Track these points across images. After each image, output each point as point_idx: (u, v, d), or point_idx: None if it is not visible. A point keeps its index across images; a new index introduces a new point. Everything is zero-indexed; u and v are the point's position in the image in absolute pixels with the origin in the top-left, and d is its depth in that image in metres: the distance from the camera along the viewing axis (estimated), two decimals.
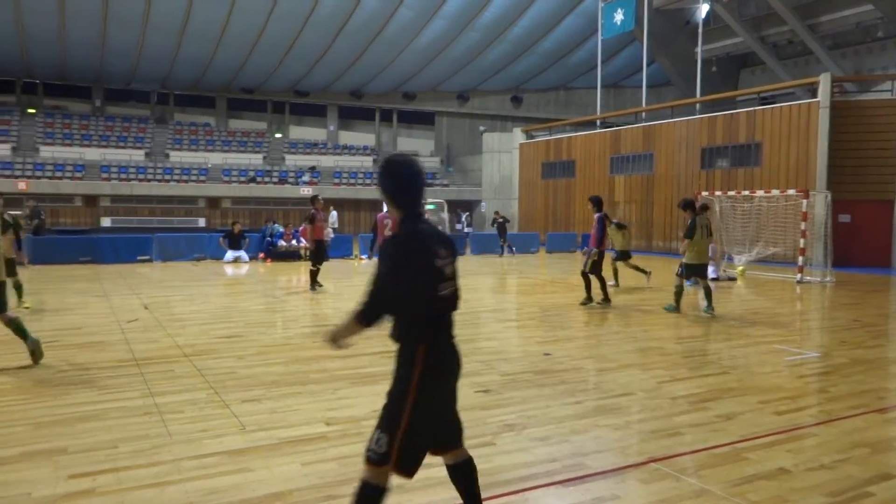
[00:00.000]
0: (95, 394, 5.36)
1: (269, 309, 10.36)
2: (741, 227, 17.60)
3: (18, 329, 6.41)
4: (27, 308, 9.72)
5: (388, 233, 9.72)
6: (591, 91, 32.76)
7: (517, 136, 33.19)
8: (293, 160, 38.36)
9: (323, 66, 36.96)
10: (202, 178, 34.35)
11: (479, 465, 3.96)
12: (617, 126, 28.53)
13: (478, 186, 36.64)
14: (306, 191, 32.67)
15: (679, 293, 10.02)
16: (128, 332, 8.06)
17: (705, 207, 10.25)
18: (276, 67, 36.53)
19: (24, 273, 15.32)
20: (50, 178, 31.00)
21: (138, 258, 18.10)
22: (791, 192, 16.29)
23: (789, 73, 31.16)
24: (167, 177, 33.81)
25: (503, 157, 34.25)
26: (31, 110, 36.13)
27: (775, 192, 16.66)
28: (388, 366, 6.39)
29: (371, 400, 5.19)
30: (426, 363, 2.68)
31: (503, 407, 5.10)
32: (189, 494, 3.52)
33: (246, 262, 18.60)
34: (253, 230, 22.75)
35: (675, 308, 9.99)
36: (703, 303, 9.96)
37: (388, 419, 2.68)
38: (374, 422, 4.62)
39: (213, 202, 34.13)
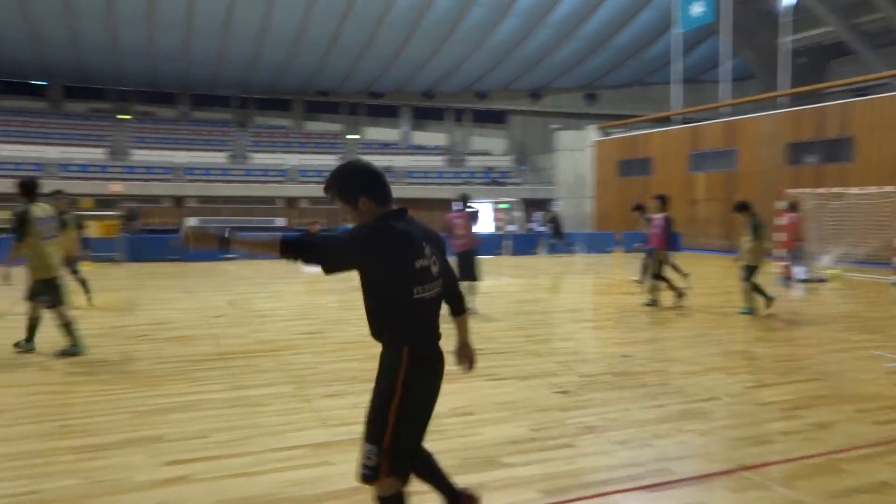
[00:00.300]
0: (187, 385, 5.62)
1: (344, 306, 10.59)
2: (831, 227, 16.72)
3: (32, 328, 6.77)
4: (90, 305, 10.00)
5: (460, 232, 9.75)
6: (667, 87, 31.83)
7: (591, 133, 32.66)
8: (368, 161, 39.03)
9: (396, 67, 37.46)
10: (280, 179, 35.43)
11: (560, 467, 3.95)
12: (696, 122, 27.64)
13: (551, 185, 36.29)
14: None
15: (753, 293, 9.64)
16: (214, 328, 8.41)
17: (745, 206, 9.91)
18: (350, 69, 37.28)
19: (118, 270, 16.23)
20: (141, 180, 32.67)
21: (223, 256, 18.84)
22: (889, 188, 15.36)
23: (884, 63, 29.37)
24: (248, 178, 35.04)
25: (577, 156, 33.77)
26: (123, 116, 38.19)
27: (872, 189, 15.74)
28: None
29: (448, 398, 5.19)
30: (410, 364, 2.58)
31: (582, 409, 5.03)
32: (276, 485, 3.64)
33: None
34: (330, 229, 23.31)
35: (751, 311, 9.62)
36: (746, 305, 9.59)
37: (374, 427, 2.59)
38: (454, 419, 4.70)
39: (291, 202, 35.13)
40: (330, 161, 38.35)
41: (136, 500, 3.46)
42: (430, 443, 4.26)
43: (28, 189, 6.61)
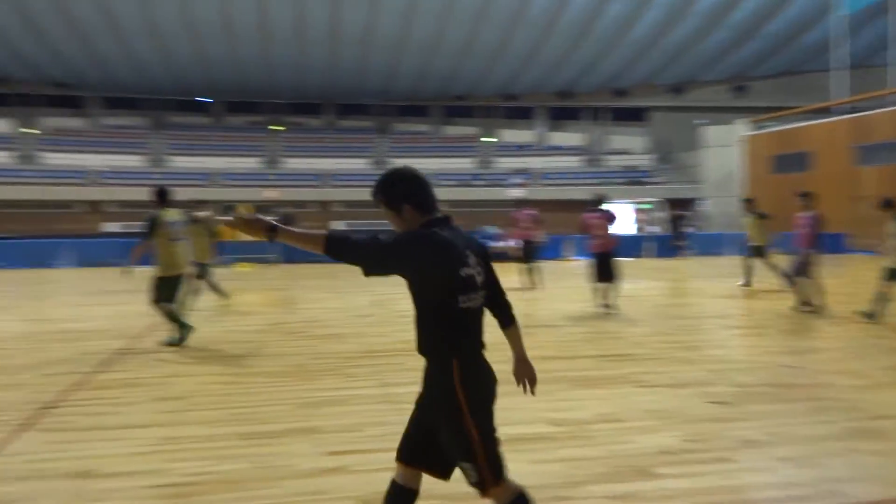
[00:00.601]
0: (340, 381, 5.94)
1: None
2: None
3: (173, 319, 7.48)
4: (225, 305, 10.52)
5: (597, 233, 9.58)
6: (824, 74, 29.28)
7: (740, 128, 30.75)
8: (503, 163, 39.23)
9: (532, 68, 37.33)
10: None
11: (716, 482, 3.75)
12: (862, 111, 25.18)
13: (696, 184, 34.54)
14: (515, 193, 33.18)
15: (884, 300, 8.66)
16: (362, 327, 8.81)
17: (890, 204, 8.78)
18: (486, 72, 37.64)
19: (274, 271, 17.40)
20: (292, 186, 34.89)
21: None
22: None
23: None
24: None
25: (724, 152, 31.92)
26: (276, 127, 41.02)
27: None
28: (609, 370, 6.32)
29: (596, 403, 5.14)
30: (464, 376, 2.53)
31: (740, 421, 4.75)
32: (431, 480, 3.75)
33: None
34: (469, 232, 23.59)
35: (872, 315, 8.64)
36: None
37: (461, 446, 2.53)
38: (601, 426, 4.62)
39: None
40: (466, 164, 38.98)
41: (299, 486, 3.70)
42: (577, 448, 4.22)
43: (161, 197, 7.55)
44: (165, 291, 7.41)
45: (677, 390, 5.57)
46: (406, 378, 5.97)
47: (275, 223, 2.47)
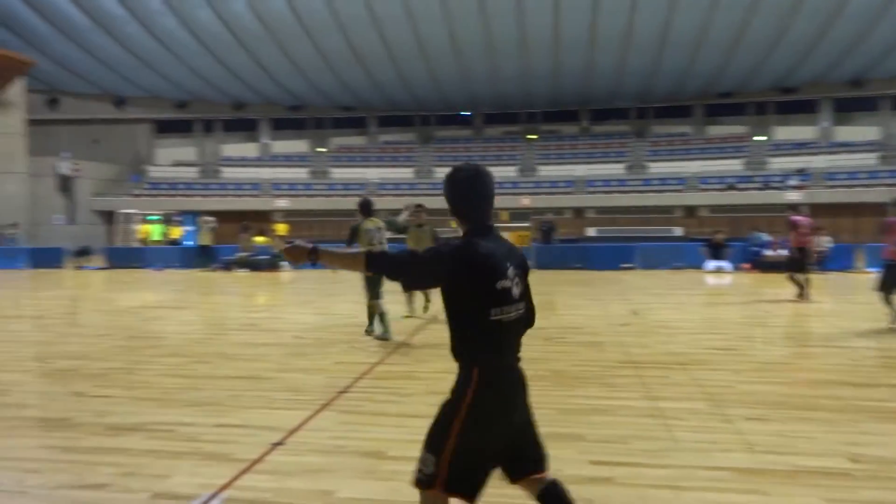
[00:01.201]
0: (603, 390, 5.85)
1: (757, 322, 9.78)
2: None
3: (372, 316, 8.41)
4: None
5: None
6: None
7: None
8: (778, 163, 35.56)
9: (815, 56, 33.22)
10: (679, 187, 34.63)
11: None
12: None
13: None
14: (793, 196, 29.85)
15: None
16: (622, 335, 8.59)
17: None
18: (758, 65, 34.43)
19: (531, 277, 17.80)
20: (546, 194, 35.45)
21: (621, 265, 19.24)
22: None
23: None
24: (645, 188, 35.14)
25: None
26: (530, 136, 41.98)
27: None
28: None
29: None
30: (479, 387, 2.49)
31: None
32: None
33: (728, 272, 17.99)
34: (733, 239, 21.86)
35: None
36: None
37: (435, 438, 2.51)
38: None
39: (690, 211, 34.05)
40: (733, 166, 36.08)
41: None
42: (882, 490, 3.63)
43: (363, 207, 8.62)
44: (372, 288, 8.33)
45: None
46: (674, 393, 5.70)
47: (315, 246, 2.65)
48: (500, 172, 38.07)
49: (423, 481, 2.53)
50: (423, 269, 2.58)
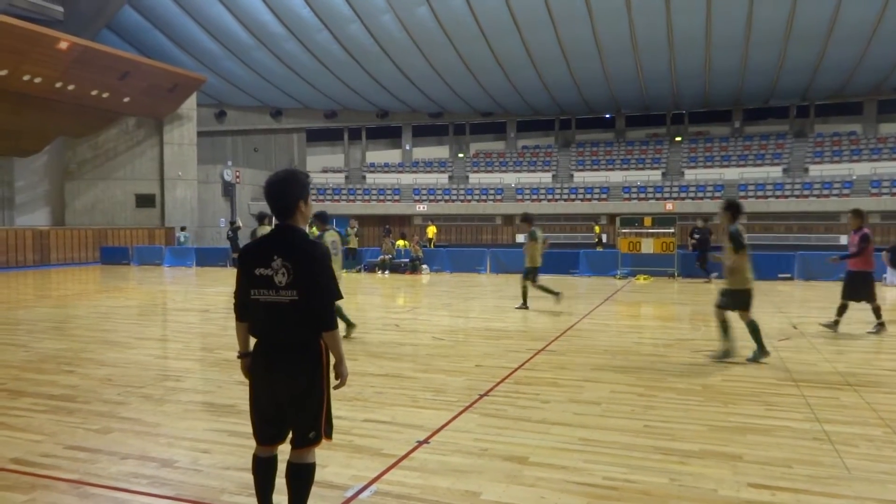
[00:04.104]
0: (762, 409, 5.45)
1: None
2: None
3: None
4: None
5: None
6: None
7: None
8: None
9: None
10: (845, 191, 31.67)
11: None
12: None
13: None
14: None
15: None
16: (780, 351, 7.98)
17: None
18: None
19: (673, 285, 16.96)
20: (692, 198, 33.74)
21: (779, 276, 17.87)
22: None
23: None
24: (805, 192, 32.48)
25: None
26: (677, 138, 40.15)
27: None
28: None
29: None
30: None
31: None
32: None
33: None
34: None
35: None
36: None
37: None
38: None
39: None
40: None
41: None
42: None
43: (320, 218, 8.79)
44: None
45: None
46: (843, 416, 5.23)
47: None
48: (643, 176, 36.80)
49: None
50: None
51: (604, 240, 29.56)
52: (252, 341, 3.14)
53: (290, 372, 2.98)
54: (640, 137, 41.25)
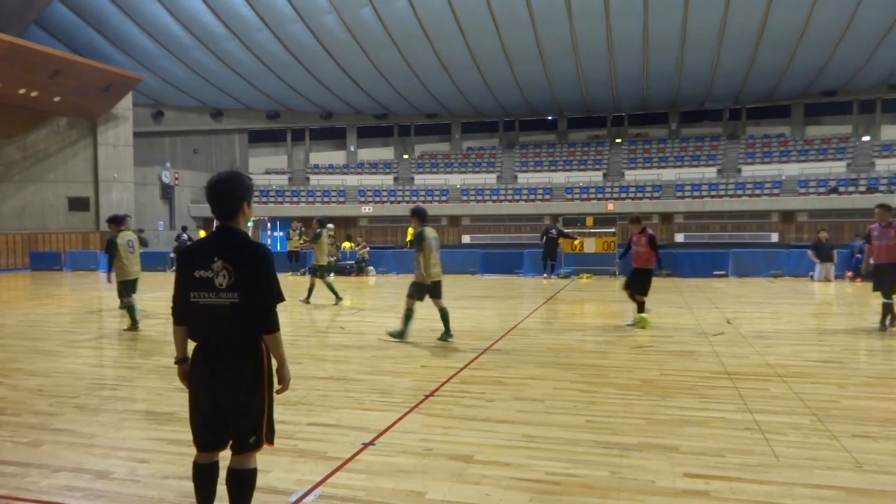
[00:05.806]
0: (696, 401, 5.65)
1: (863, 333, 9.18)
2: None
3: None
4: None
5: None
6: None
7: None
8: (885, 165, 33.33)
9: None
10: (775, 191, 33.03)
11: None
12: None
13: None
14: None
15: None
16: (715, 345, 8.28)
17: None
18: (864, 62, 32.40)
19: (615, 283, 17.41)
20: (632, 198, 34.61)
21: (714, 273, 18.51)
22: None
23: None
24: (738, 192, 33.72)
25: None
26: (618, 140, 41.10)
27: None
28: None
29: None
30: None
31: None
32: None
33: (831, 281, 16.99)
34: (836, 245, 20.62)
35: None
36: None
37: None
38: None
39: (787, 216, 32.41)
40: (837, 168, 34.15)
41: (658, 502, 3.62)
42: None
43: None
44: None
45: None
46: (772, 406, 5.46)
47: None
48: (585, 177, 37.51)
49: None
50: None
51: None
52: (191, 346, 3.08)
53: (231, 376, 2.93)
54: (581, 139, 42.03)
